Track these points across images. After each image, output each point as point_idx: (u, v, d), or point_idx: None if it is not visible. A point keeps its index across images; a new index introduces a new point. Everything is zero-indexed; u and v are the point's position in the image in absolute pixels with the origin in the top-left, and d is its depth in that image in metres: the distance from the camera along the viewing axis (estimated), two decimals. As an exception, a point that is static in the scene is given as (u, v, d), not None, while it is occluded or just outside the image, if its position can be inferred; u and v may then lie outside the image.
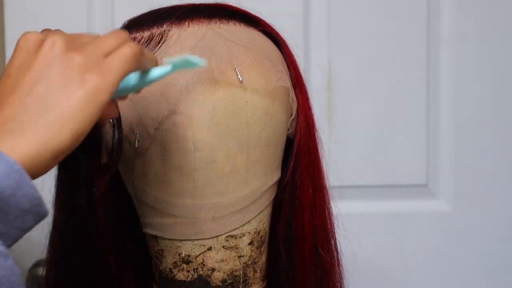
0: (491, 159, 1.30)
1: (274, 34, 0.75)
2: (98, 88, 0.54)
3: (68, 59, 0.55)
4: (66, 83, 0.54)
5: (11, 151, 0.51)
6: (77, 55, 0.55)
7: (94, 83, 0.54)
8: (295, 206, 0.75)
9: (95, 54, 0.56)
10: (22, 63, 0.55)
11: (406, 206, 1.31)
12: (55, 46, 0.55)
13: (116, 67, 0.56)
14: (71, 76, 0.54)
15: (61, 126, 0.53)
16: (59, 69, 0.54)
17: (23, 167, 0.51)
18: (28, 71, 0.54)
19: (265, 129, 0.70)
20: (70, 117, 0.53)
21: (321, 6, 1.28)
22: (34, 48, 0.55)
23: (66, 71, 0.54)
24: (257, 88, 0.69)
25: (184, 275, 0.71)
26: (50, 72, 0.54)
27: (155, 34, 0.70)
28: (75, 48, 0.55)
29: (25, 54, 0.55)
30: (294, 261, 0.76)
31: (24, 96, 0.53)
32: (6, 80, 0.55)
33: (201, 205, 0.69)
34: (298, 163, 0.75)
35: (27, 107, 0.53)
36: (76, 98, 0.53)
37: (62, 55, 0.55)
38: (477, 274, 1.32)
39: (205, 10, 0.72)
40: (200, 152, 0.68)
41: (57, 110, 0.53)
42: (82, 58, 0.55)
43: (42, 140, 0.52)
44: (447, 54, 1.29)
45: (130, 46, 0.57)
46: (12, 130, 0.52)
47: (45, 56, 0.55)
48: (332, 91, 1.29)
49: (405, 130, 1.29)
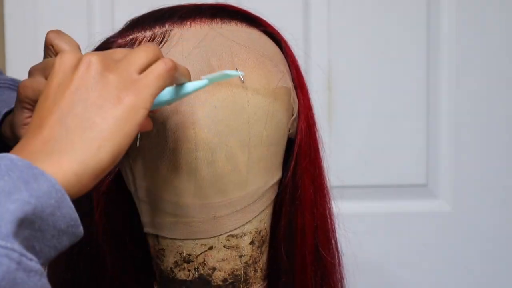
0: (491, 159, 1.30)
1: (276, 34, 0.75)
2: (134, 106, 0.55)
3: (104, 79, 0.56)
4: (103, 103, 0.55)
5: (53, 171, 0.52)
6: (112, 75, 0.56)
7: (130, 101, 0.55)
8: (296, 206, 0.75)
9: (128, 71, 0.57)
10: (60, 84, 0.56)
11: (406, 206, 1.31)
12: (90, 67, 0.56)
13: (151, 84, 0.57)
14: (107, 95, 0.55)
15: (100, 145, 0.54)
16: (95, 89, 0.55)
17: (64, 187, 0.51)
18: (66, 92, 0.56)
19: (266, 129, 0.70)
20: (108, 136, 0.54)
21: (321, 6, 1.29)
22: (70, 69, 0.56)
23: (102, 91, 0.55)
24: (258, 88, 0.70)
25: (185, 274, 0.71)
26: (87, 93, 0.55)
27: (157, 34, 0.70)
28: (110, 68, 0.57)
29: (62, 75, 0.56)
30: (295, 260, 0.76)
31: (63, 117, 0.54)
32: (45, 102, 0.56)
33: (202, 205, 0.69)
34: (299, 163, 0.75)
35: (67, 127, 0.54)
36: (114, 117, 0.55)
37: (97, 75, 0.56)
38: (477, 274, 1.32)
39: (207, 10, 0.72)
40: (201, 152, 0.68)
41: (96, 130, 0.54)
42: (116, 77, 0.56)
43: (82, 160, 0.53)
44: (447, 54, 1.29)
45: (163, 62, 0.58)
46: (53, 151, 0.53)
47: (82, 77, 0.56)
48: (332, 91, 1.29)
49: (405, 130, 1.29)
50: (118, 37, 0.72)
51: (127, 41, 0.71)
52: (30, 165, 0.51)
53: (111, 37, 0.72)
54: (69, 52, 0.58)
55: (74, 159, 0.53)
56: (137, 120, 0.55)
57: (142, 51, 0.59)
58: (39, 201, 0.49)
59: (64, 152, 0.53)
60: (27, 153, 0.53)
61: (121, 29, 0.73)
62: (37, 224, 0.50)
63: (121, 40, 0.71)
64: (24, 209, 0.49)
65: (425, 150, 1.30)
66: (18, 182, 0.49)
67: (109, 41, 0.72)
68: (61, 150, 0.53)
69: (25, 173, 0.50)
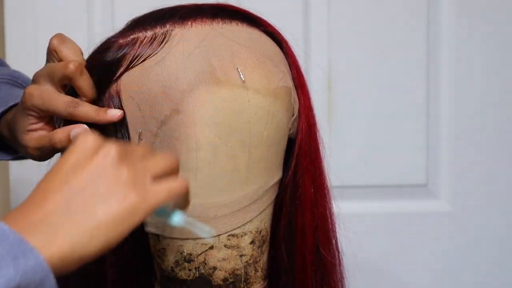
0: (491, 159, 1.30)
1: (276, 34, 0.75)
2: (137, 208, 0.57)
3: (118, 172, 0.57)
4: (110, 195, 0.56)
5: (44, 248, 0.53)
6: (127, 171, 0.57)
7: (133, 203, 0.56)
8: (296, 205, 0.75)
9: (144, 174, 0.58)
10: (76, 163, 0.57)
11: (406, 206, 1.31)
12: (109, 156, 0.57)
13: (161, 196, 0.58)
14: (116, 189, 0.56)
15: (94, 236, 0.55)
16: (107, 180, 0.57)
17: (50, 265, 0.53)
18: (79, 173, 0.56)
19: (266, 128, 0.70)
20: (104, 229, 0.55)
21: (321, 6, 1.29)
22: (90, 152, 0.57)
23: (113, 184, 0.57)
24: (259, 88, 0.70)
25: (186, 274, 0.72)
26: (99, 180, 0.56)
27: (158, 33, 0.70)
28: (127, 163, 0.58)
29: (81, 155, 0.57)
30: (295, 260, 0.76)
31: (70, 197, 0.55)
32: (57, 174, 0.57)
33: (203, 204, 0.69)
34: (299, 163, 0.75)
35: (70, 208, 0.55)
36: (114, 213, 0.56)
37: (113, 166, 0.57)
38: (477, 274, 1.32)
39: (208, 10, 0.72)
40: (202, 152, 0.68)
41: (95, 220, 0.55)
42: (131, 175, 0.57)
43: (74, 244, 0.54)
44: (447, 54, 1.29)
45: (181, 183, 0.59)
46: (50, 227, 0.54)
47: (99, 163, 0.57)
48: (332, 91, 1.29)
49: (405, 130, 1.29)
50: (119, 36, 0.72)
51: (128, 41, 0.71)
52: (21, 240, 0.52)
53: (112, 37, 0.72)
54: (93, 135, 0.58)
55: (67, 241, 0.54)
56: (134, 221, 0.56)
57: (163, 160, 0.60)
58: (24, 277, 0.51)
59: (60, 232, 0.54)
60: (25, 223, 0.54)
61: (122, 29, 0.73)
62: None
63: (122, 40, 0.71)
64: (9, 285, 0.50)
65: (425, 150, 1.30)
66: (7, 257, 0.51)
67: (110, 40, 0.72)
68: (58, 229, 0.54)
69: (15, 248, 0.51)
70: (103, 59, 0.71)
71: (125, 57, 0.70)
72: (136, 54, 0.70)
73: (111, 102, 0.70)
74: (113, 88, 0.70)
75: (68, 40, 0.74)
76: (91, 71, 0.71)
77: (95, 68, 0.72)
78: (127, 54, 0.70)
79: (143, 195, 0.57)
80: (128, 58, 0.70)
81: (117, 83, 0.70)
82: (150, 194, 0.57)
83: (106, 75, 0.71)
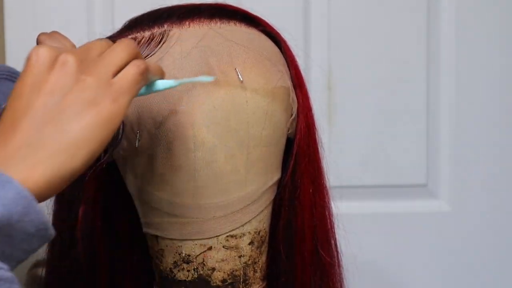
0: (491, 160, 1.30)
1: (275, 34, 0.75)
2: (111, 113, 0.55)
3: (80, 81, 0.55)
4: (79, 108, 0.54)
5: (23, 178, 0.52)
6: (90, 77, 0.55)
7: (108, 109, 0.55)
8: (295, 206, 0.75)
9: (105, 75, 0.56)
10: (34, 83, 0.55)
11: (406, 206, 1.31)
12: (67, 66, 0.55)
13: (127, 91, 0.56)
14: (84, 100, 0.54)
15: (75, 152, 0.53)
16: (72, 92, 0.54)
17: (34, 193, 0.52)
18: (40, 92, 0.54)
19: (265, 128, 0.70)
20: (83, 143, 0.54)
21: (321, 6, 1.29)
22: (46, 67, 0.55)
23: (79, 95, 0.54)
24: (257, 88, 0.70)
25: (185, 274, 0.71)
26: (63, 95, 0.54)
27: (156, 34, 0.70)
28: (87, 69, 0.55)
29: (37, 73, 0.55)
30: (294, 261, 0.76)
31: (37, 121, 0.53)
32: (18, 100, 0.54)
33: (201, 205, 0.69)
34: (298, 163, 0.75)
35: (41, 132, 0.53)
36: (90, 123, 0.54)
37: (75, 77, 0.55)
38: (477, 274, 1.32)
39: (206, 10, 0.72)
40: (200, 152, 0.68)
41: (71, 136, 0.53)
42: (94, 81, 0.55)
43: (55, 166, 0.53)
44: (447, 54, 1.29)
45: (136, 65, 0.57)
46: (26, 157, 0.53)
47: (58, 77, 0.55)
48: (332, 91, 1.29)
49: (405, 130, 1.29)
50: (117, 37, 0.72)
51: (126, 41, 0.71)
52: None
53: (110, 37, 0.72)
54: (45, 47, 0.55)
55: (47, 166, 0.52)
56: (113, 126, 0.55)
57: (119, 51, 0.58)
58: (6, 208, 0.50)
59: (37, 158, 0.53)
60: (0, 156, 0.53)
61: (120, 29, 0.73)
62: (4, 230, 0.50)
63: (120, 40, 0.71)
64: None
65: (425, 150, 1.30)
66: None
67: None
68: (34, 156, 0.52)
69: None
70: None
71: None
72: None
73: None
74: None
75: (57, 36, 0.73)
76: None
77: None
78: None
79: (112, 97, 0.55)
80: (126, 58, 0.70)
81: (115, 84, 0.70)
82: (118, 94, 0.55)
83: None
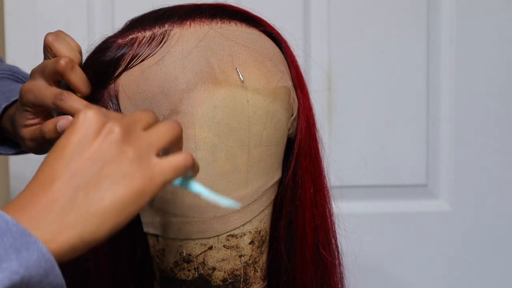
0: (491, 159, 1.30)
1: (275, 34, 0.75)
2: (144, 190, 0.55)
3: (122, 153, 0.55)
4: (116, 178, 0.54)
5: (49, 239, 0.52)
6: (131, 150, 0.55)
7: (141, 184, 0.55)
8: (296, 205, 0.75)
9: (148, 150, 0.56)
10: (78, 145, 0.55)
11: (406, 206, 1.31)
12: (112, 136, 0.55)
13: (167, 174, 0.56)
14: (122, 171, 0.55)
15: (103, 222, 0.54)
16: (112, 162, 0.55)
17: (57, 255, 0.52)
18: (83, 156, 0.55)
19: (266, 128, 0.70)
20: (113, 214, 0.54)
21: (321, 6, 1.29)
22: (92, 132, 0.55)
23: (118, 166, 0.55)
24: (258, 87, 0.70)
25: (185, 274, 0.72)
26: (103, 164, 0.55)
27: (157, 33, 0.70)
28: (131, 142, 0.56)
29: (83, 136, 0.55)
30: (295, 260, 0.76)
31: (74, 184, 0.54)
32: (59, 159, 0.55)
33: (202, 204, 0.69)
34: (299, 163, 0.75)
35: (75, 196, 0.54)
36: (122, 197, 0.54)
37: (118, 148, 0.55)
38: (477, 274, 1.32)
39: (207, 10, 0.72)
40: (201, 152, 0.68)
41: (103, 206, 0.54)
42: (136, 154, 0.55)
43: (82, 233, 0.53)
44: (447, 54, 1.29)
45: (185, 157, 0.58)
46: (55, 218, 0.53)
47: (102, 145, 0.55)
48: (332, 91, 1.29)
49: (405, 130, 1.29)
50: (118, 37, 0.72)
51: (127, 41, 0.71)
52: (24, 232, 0.51)
53: (111, 37, 0.72)
54: (95, 111, 0.56)
55: (74, 232, 0.53)
56: (142, 204, 0.55)
57: (167, 131, 0.58)
58: (28, 271, 0.50)
59: (66, 222, 0.53)
60: (29, 214, 0.53)
61: (121, 29, 0.73)
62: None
63: (121, 40, 0.71)
64: (12, 278, 0.49)
65: (425, 150, 1.30)
66: (10, 249, 0.50)
67: (109, 40, 0.72)
68: (63, 220, 0.53)
69: (18, 240, 0.50)
70: (102, 59, 0.71)
71: (124, 57, 0.70)
72: (135, 54, 0.70)
73: (110, 102, 0.70)
74: (112, 88, 0.70)
75: (63, 36, 0.74)
76: (90, 70, 0.71)
77: (94, 68, 0.72)
78: (125, 54, 0.70)
79: (150, 175, 0.55)
80: (126, 58, 0.70)
81: (116, 83, 0.70)
82: (157, 172, 0.56)
83: (105, 75, 0.71)
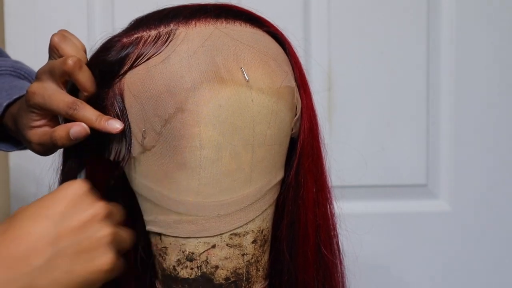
0: (491, 160, 1.31)
1: (279, 34, 0.76)
2: (113, 268, 0.63)
3: (100, 232, 0.62)
4: (91, 255, 0.62)
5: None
6: (108, 231, 0.63)
7: (111, 263, 0.62)
8: (298, 205, 0.76)
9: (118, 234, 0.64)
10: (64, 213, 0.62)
11: (406, 206, 1.31)
12: (96, 215, 0.63)
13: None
14: (97, 250, 0.62)
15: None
16: (90, 240, 0.62)
17: None
18: (66, 232, 0.61)
19: (270, 128, 0.70)
20: (80, 286, 0.61)
21: (321, 6, 1.29)
22: (78, 208, 0.63)
23: (94, 244, 0.62)
24: (262, 87, 0.70)
25: (188, 272, 0.72)
26: (82, 240, 0.62)
27: (162, 33, 0.70)
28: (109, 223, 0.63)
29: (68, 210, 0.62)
30: (297, 260, 0.76)
31: (53, 255, 0.60)
32: (46, 219, 0.61)
33: (205, 203, 0.69)
34: (301, 163, 0.75)
35: (51, 265, 0.60)
36: (93, 271, 0.61)
37: (97, 226, 0.63)
38: (477, 274, 1.32)
39: (212, 10, 0.73)
40: (205, 150, 0.68)
41: (73, 277, 0.60)
42: (111, 235, 0.63)
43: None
44: (447, 54, 1.29)
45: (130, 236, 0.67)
46: (31, 271, 0.59)
47: (86, 223, 0.62)
48: (332, 91, 1.29)
49: (405, 130, 1.29)
50: (123, 36, 0.72)
51: (132, 40, 0.71)
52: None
53: (116, 36, 0.72)
54: (76, 186, 0.64)
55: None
56: (108, 278, 0.63)
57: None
58: None
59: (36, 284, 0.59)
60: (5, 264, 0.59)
61: (126, 28, 0.74)
62: None
63: (126, 39, 0.71)
64: None
65: (425, 150, 1.30)
66: None
67: (114, 40, 0.72)
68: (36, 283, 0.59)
69: None
70: (107, 58, 0.71)
71: (129, 56, 0.70)
72: (140, 53, 0.70)
73: (114, 101, 0.70)
74: (117, 87, 0.70)
75: (69, 36, 0.74)
76: (95, 69, 0.72)
77: (99, 67, 0.72)
78: (131, 53, 0.70)
79: (117, 256, 0.63)
80: (132, 57, 0.70)
81: (121, 82, 0.70)
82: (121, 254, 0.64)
83: (110, 74, 0.71)
